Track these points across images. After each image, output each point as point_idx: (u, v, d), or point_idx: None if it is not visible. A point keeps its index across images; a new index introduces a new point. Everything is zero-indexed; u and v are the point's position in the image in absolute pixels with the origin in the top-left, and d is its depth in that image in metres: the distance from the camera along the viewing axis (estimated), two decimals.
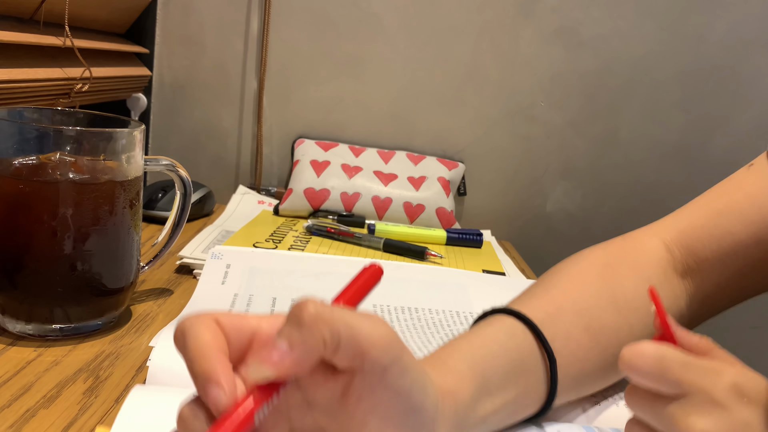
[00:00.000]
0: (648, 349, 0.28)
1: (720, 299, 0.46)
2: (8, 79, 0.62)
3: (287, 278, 0.57)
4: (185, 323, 0.27)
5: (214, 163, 1.04)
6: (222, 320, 0.27)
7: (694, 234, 0.45)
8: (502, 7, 0.98)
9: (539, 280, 0.44)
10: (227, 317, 0.27)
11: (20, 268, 0.43)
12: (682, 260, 0.45)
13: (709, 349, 0.30)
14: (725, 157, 1.03)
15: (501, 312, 0.39)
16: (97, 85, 0.80)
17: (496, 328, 0.37)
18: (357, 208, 0.90)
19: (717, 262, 0.44)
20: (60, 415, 0.36)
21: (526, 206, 1.06)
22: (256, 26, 0.99)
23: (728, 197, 0.46)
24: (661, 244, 0.46)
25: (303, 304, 0.26)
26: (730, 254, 0.44)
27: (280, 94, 1.01)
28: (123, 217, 0.46)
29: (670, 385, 0.28)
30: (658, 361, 0.28)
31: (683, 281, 0.45)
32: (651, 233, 0.47)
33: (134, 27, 0.98)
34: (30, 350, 0.43)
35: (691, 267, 0.45)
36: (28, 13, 0.68)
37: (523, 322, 0.38)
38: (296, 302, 0.26)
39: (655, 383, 0.28)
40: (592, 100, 1.01)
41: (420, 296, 0.58)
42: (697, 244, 0.45)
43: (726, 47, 0.99)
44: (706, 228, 0.45)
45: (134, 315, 0.52)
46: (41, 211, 0.43)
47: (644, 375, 0.28)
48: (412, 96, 1.01)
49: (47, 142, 0.43)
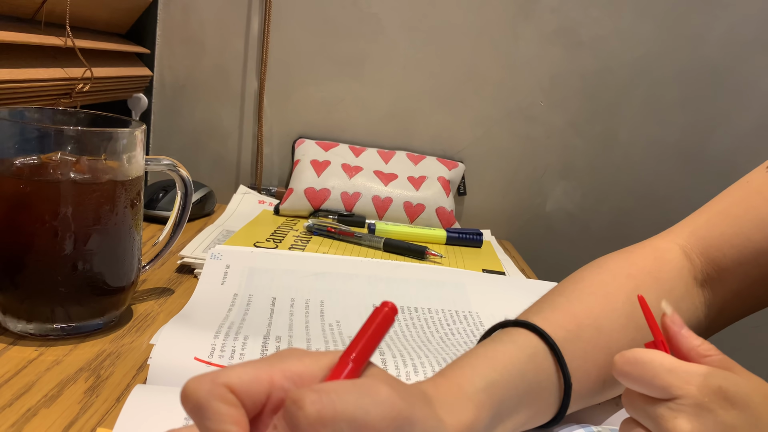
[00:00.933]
0: (638, 356, 0.30)
1: (738, 307, 0.46)
2: (10, 79, 0.62)
3: (287, 278, 0.57)
4: (199, 396, 0.24)
5: (214, 162, 1.04)
6: (234, 385, 0.25)
7: (714, 242, 0.45)
8: (502, 8, 0.98)
9: (560, 288, 0.43)
10: (238, 379, 0.25)
11: (21, 267, 0.43)
12: (702, 269, 0.45)
13: (707, 352, 0.30)
14: (724, 157, 1.03)
15: (521, 325, 0.38)
16: (98, 85, 0.81)
17: (517, 347, 0.36)
18: (357, 208, 0.90)
19: (737, 271, 0.44)
20: (61, 415, 0.36)
21: (526, 206, 1.06)
22: (256, 26, 0.99)
23: (747, 202, 0.45)
24: (681, 252, 0.45)
25: (299, 404, 0.23)
26: (750, 262, 0.43)
27: (280, 94, 1.02)
28: (124, 216, 0.46)
29: (658, 390, 0.29)
30: (647, 367, 0.30)
31: (703, 290, 0.45)
32: (670, 240, 0.46)
33: (135, 27, 0.98)
34: (31, 349, 0.43)
35: (710, 275, 0.44)
36: (30, 14, 0.69)
37: (544, 341, 0.37)
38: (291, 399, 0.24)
39: (645, 388, 0.30)
40: (591, 100, 1.01)
41: (420, 296, 0.58)
42: (717, 253, 0.44)
43: (725, 47, 0.99)
44: (725, 235, 0.44)
45: (135, 314, 0.52)
46: (42, 210, 0.43)
47: (635, 381, 0.30)
48: (412, 96, 1.01)
49: (48, 142, 0.44)
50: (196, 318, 0.46)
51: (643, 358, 0.30)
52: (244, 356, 0.40)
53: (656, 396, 0.30)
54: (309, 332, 0.46)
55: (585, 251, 1.05)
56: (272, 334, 0.44)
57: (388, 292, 0.57)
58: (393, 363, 0.42)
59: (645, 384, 0.30)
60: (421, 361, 0.42)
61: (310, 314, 0.51)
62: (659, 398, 0.30)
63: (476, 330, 0.53)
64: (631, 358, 0.30)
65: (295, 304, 0.53)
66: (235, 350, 0.41)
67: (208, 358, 0.39)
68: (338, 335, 0.46)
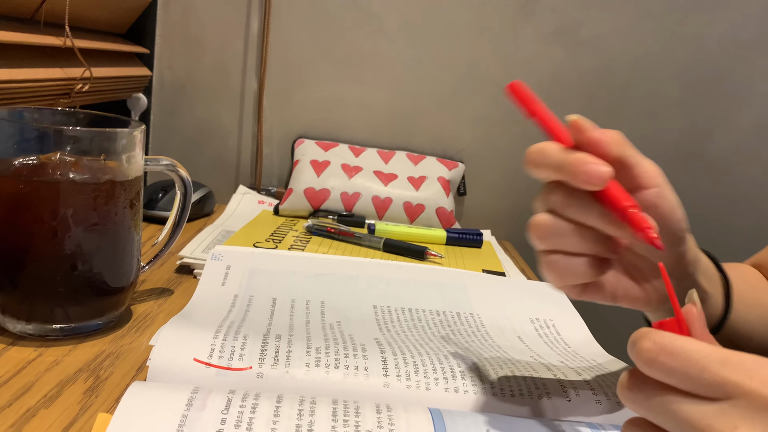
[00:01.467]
0: (676, 344, 0.24)
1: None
2: (9, 79, 0.62)
3: (287, 279, 0.57)
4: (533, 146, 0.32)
5: (214, 163, 1.04)
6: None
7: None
8: (502, 7, 0.98)
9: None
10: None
11: (20, 268, 0.43)
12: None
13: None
14: (724, 158, 1.03)
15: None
16: (97, 85, 0.80)
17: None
18: (357, 208, 0.90)
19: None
20: (60, 415, 0.36)
21: (526, 206, 1.06)
22: (256, 26, 0.99)
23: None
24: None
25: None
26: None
27: (280, 94, 1.01)
28: (123, 217, 0.46)
29: (706, 387, 0.23)
30: (691, 357, 0.23)
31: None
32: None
33: (134, 27, 0.98)
34: (30, 350, 0.43)
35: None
36: (29, 14, 0.69)
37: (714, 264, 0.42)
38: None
39: (686, 384, 0.24)
40: (591, 100, 1.01)
41: (420, 297, 0.58)
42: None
43: (725, 48, 0.99)
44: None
45: (135, 315, 0.52)
46: (41, 211, 0.43)
47: (673, 374, 0.24)
48: (412, 96, 1.01)
49: (47, 142, 0.44)
50: (196, 319, 0.46)
51: (683, 346, 0.24)
52: (243, 356, 0.40)
53: (700, 393, 0.23)
54: (309, 331, 0.46)
55: None
56: (272, 333, 0.44)
57: (389, 293, 0.57)
58: (393, 361, 0.42)
59: (688, 379, 0.23)
60: (422, 359, 0.42)
61: (311, 314, 0.51)
62: (702, 396, 0.23)
63: (477, 331, 0.53)
64: (668, 345, 0.24)
65: (295, 305, 0.52)
66: (235, 350, 0.40)
67: (207, 359, 0.39)
68: (339, 334, 0.46)
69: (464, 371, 0.42)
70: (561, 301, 0.61)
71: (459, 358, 0.44)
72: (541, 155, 0.34)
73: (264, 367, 0.39)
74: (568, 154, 0.32)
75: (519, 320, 0.56)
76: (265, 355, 0.40)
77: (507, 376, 0.42)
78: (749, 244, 0.65)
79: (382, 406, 0.35)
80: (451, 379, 0.41)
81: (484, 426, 0.35)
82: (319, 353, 0.42)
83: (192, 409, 0.33)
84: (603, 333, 0.59)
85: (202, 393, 0.34)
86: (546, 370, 0.43)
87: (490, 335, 0.52)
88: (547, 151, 0.33)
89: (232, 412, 0.33)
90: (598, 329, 0.58)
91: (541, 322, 0.57)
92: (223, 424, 0.32)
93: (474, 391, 0.40)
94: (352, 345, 0.44)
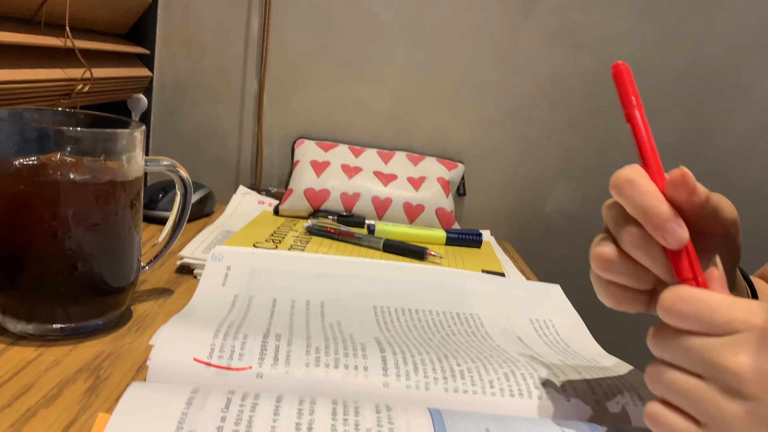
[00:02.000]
0: (693, 293, 0.29)
1: None
2: (9, 80, 0.62)
3: (287, 279, 0.57)
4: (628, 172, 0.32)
5: (214, 163, 1.04)
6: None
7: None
8: (502, 8, 0.98)
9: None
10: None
11: (21, 268, 0.43)
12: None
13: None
14: (724, 158, 1.03)
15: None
16: (97, 86, 0.81)
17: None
18: (357, 209, 0.90)
19: None
20: (60, 415, 0.36)
21: (525, 206, 1.06)
22: (256, 27, 0.99)
23: None
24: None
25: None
26: None
27: (280, 94, 1.02)
28: (124, 217, 0.46)
29: (717, 326, 0.28)
30: (704, 303, 0.28)
31: None
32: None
33: (135, 28, 0.98)
34: (30, 350, 0.43)
35: None
36: (29, 14, 0.69)
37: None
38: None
39: (701, 326, 0.28)
40: (591, 100, 1.01)
41: (420, 297, 0.58)
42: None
43: (725, 49, 0.99)
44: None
45: (135, 315, 0.52)
46: (42, 211, 0.43)
47: (690, 319, 0.28)
48: (412, 96, 1.01)
49: (48, 142, 0.44)
50: (196, 318, 0.46)
51: (699, 295, 0.29)
52: (243, 356, 0.40)
53: (711, 333, 0.28)
54: (309, 331, 0.46)
55: (585, 252, 1.04)
56: (272, 333, 0.44)
57: (389, 293, 0.57)
58: (393, 360, 0.42)
59: (703, 321, 0.28)
60: (422, 358, 0.42)
61: (311, 314, 0.51)
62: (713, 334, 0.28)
63: (477, 332, 0.53)
64: (686, 295, 0.29)
65: (295, 305, 0.53)
66: (234, 350, 0.41)
67: (207, 359, 0.39)
68: (338, 334, 0.46)
69: (464, 371, 0.42)
70: (561, 301, 0.61)
71: (459, 358, 0.44)
72: (630, 187, 0.32)
73: (264, 367, 0.39)
74: (657, 203, 0.32)
75: (519, 320, 0.56)
76: (264, 355, 0.40)
77: (507, 376, 0.42)
78: (749, 244, 0.65)
79: (381, 406, 0.35)
80: (451, 379, 0.41)
81: (484, 426, 0.35)
82: (319, 353, 0.42)
83: (192, 408, 0.33)
84: (603, 333, 0.59)
85: (201, 392, 0.34)
86: (546, 370, 0.44)
87: (490, 335, 0.52)
88: (638, 186, 0.32)
89: (231, 411, 0.33)
90: (598, 329, 0.58)
91: (540, 322, 0.57)
92: (222, 422, 0.32)
93: (474, 391, 0.40)
94: (351, 344, 0.44)
